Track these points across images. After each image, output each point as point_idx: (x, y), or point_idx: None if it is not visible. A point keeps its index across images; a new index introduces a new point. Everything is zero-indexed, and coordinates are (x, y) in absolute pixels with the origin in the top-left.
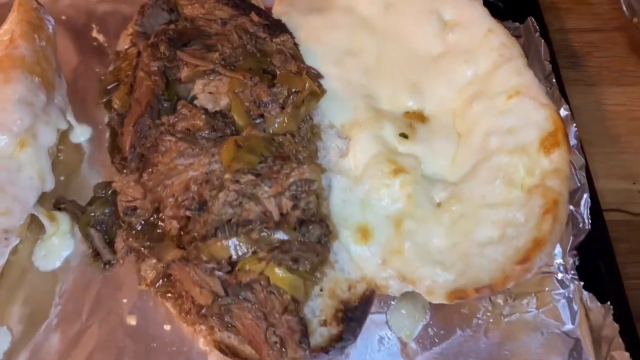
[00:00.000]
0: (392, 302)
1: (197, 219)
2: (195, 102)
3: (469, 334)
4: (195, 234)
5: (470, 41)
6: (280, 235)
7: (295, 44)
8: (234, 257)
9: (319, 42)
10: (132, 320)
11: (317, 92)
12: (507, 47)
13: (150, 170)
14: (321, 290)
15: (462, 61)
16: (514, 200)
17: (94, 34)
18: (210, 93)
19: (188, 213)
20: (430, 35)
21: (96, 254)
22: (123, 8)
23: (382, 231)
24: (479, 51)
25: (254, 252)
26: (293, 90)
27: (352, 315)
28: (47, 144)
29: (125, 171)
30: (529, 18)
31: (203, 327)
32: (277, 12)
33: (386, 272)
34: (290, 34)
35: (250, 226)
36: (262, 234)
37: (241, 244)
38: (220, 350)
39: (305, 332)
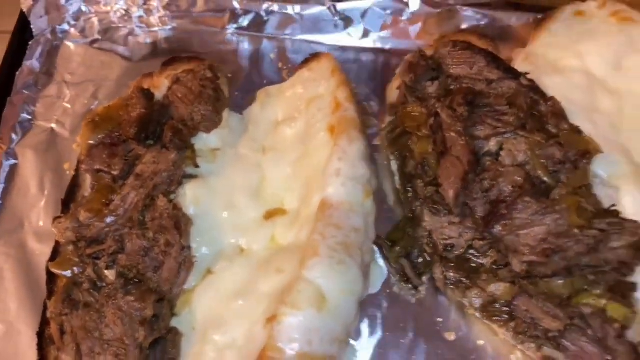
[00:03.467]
0: None
1: (546, 263)
2: (499, 159)
3: None
4: (536, 274)
5: None
6: (610, 277)
7: None
8: (570, 293)
9: (566, 101)
10: (451, 336)
11: (600, 151)
12: None
13: (504, 222)
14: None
15: None
16: None
17: None
18: (510, 150)
19: (544, 259)
20: None
21: (406, 280)
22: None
23: None
24: None
25: (585, 289)
26: (581, 149)
27: None
28: (373, 190)
29: (441, 214)
30: None
31: (532, 345)
32: (520, 69)
33: None
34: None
35: (589, 270)
36: (598, 275)
37: (576, 283)
38: None
39: (637, 353)
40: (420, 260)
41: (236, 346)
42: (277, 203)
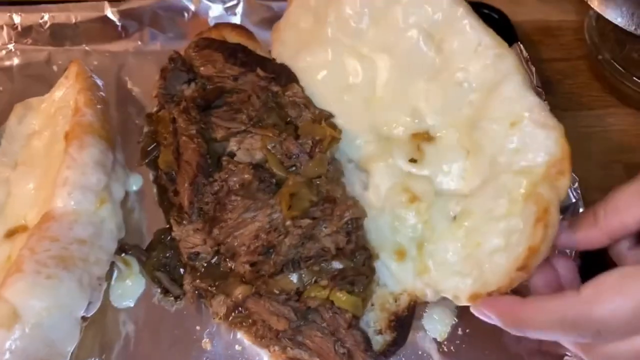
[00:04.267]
0: (426, 310)
1: (267, 260)
2: (235, 158)
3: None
4: (264, 273)
5: (462, 58)
6: (337, 265)
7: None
8: (300, 287)
9: (315, 82)
10: (207, 345)
11: (337, 137)
12: (501, 59)
13: (220, 225)
14: (372, 305)
15: (457, 80)
16: (515, 210)
17: (129, 85)
18: (247, 149)
19: (260, 258)
20: (419, 50)
21: (166, 292)
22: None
23: (411, 251)
24: (473, 67)
25: (316, 281)
26: (317, 138)
27: (402, 323)
28: (119, 197)
29: (184, 222)
30: (516, 44)
31: (277, 348)
32: (275, 54)
33: (421, 284)
34: (296, 78)
35: (312, 261)
36: (322, 265)
37: (305, 276)
38: None
39: (369, 342)
40: (181, 270)
41: None
42: (20, 220)
